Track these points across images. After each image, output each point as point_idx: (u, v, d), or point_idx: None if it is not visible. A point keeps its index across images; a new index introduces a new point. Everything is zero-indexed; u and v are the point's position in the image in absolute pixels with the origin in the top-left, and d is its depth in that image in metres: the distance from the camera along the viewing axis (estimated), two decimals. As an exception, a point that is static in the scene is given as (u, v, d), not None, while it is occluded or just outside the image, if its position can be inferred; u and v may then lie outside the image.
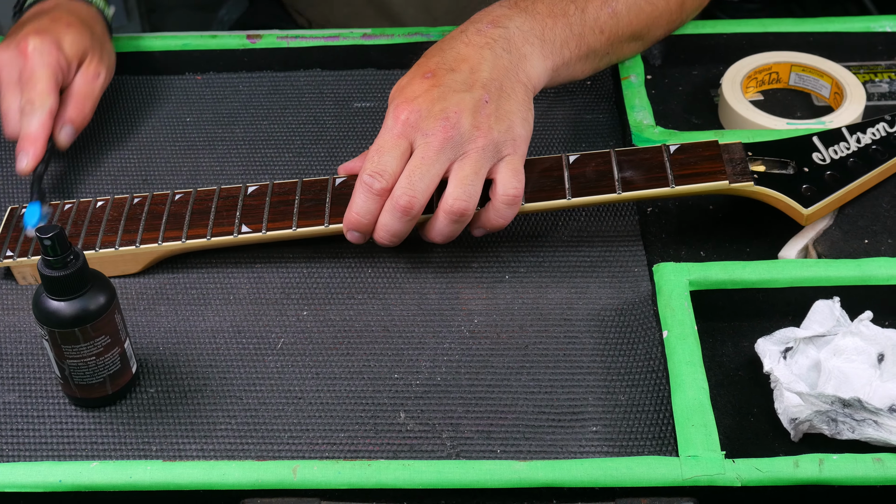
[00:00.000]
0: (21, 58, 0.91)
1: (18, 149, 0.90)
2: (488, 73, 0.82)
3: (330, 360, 0.80)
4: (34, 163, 0.90)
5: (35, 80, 0.90)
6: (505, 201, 0.81)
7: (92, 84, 0.95)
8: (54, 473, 0.72)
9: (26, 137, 0.89)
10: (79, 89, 0.94)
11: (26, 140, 0.89)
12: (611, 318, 0.82)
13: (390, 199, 0.80)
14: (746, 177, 0.83)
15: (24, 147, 0.89)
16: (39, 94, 0.90)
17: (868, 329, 0.76)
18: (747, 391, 0.78)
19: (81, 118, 0.94)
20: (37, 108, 0.90)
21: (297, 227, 0.84)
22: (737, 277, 0.81)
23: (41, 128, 0.90)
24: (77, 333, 0.73)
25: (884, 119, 0.89)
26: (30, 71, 0.91)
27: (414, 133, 0.80)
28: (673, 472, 0.70)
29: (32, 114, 0.90)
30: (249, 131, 1.00)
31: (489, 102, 0.81)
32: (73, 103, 0.93)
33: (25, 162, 0.89)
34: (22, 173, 0.90)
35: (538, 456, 0.74)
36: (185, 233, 0.85)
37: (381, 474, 0.71)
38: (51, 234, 0.70)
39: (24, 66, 0.91)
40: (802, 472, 0.70)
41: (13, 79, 0.92)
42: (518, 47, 0.84)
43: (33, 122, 0.89)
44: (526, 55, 0.84)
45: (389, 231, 0.81)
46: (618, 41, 0.92)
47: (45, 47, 0.91)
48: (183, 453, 0.75)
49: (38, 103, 0.90)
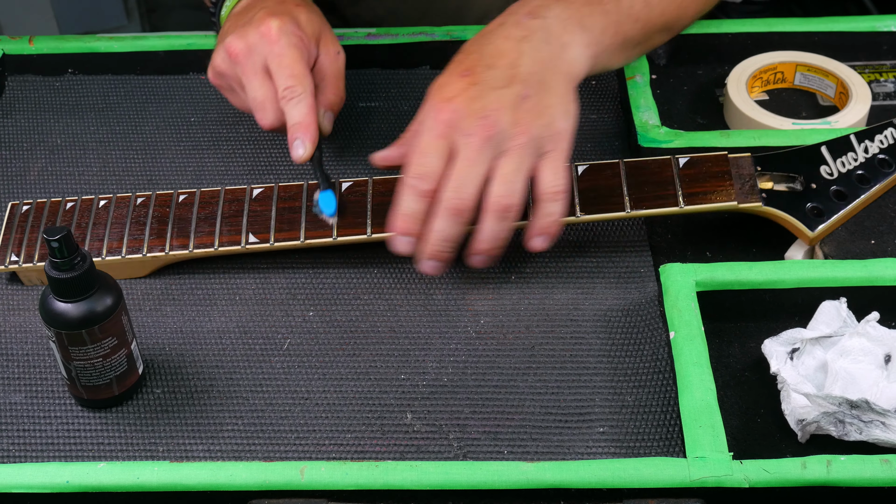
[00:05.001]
0: (266, 43, 0.86)
1: (292, 138, 0.85)
2: (528, 66, 0.80)
3: (336, 360, 0.80)
4: (312, 149, 0.85)
5: (288, 64, 0.86)
6: (548, 199, 0.79)
7: (337, 63, 0.91)
8: (61, 474, 0.72)
9: (298, 125, 0.85)
10: (329, 70, 0.90)
11: (298, 128, 0.85)
12: (617, 318, 0.82)
13: (440, 204, 0.78)
14: (754, 196, 0.83)
15: (298, 135, 0.85)
16: (298, 78, 0.85)
17: (875, 330, 0.76)
18: (754, 392, 0.78)
19: (339, 101, 0.91)
20: (300, 94, 0.85)
21: (304, 239, 0.84)
22: (743, 278, 0.81)
23: (310, 112, 0.85)
24: (84, 335, 0.73)
25: (892, 123, 0.89)
26: (279, 54, 0.86)
27: (454, 133, 0.78)
28: (680, 473, 0.70)
29: (297, 100, 0.85)
30: (254, 131, 1.00)
31: (529, 97, 0.79)
32: (329, 86, 0.90)
33: (303, 150, 0.85)
34: (300, 161, 0.85)
35: (545, 457, 0.74)
36: (192, 241, 0.85)
37: (388, 475, 0.71)
38: (58, 236, 0.70)
39: (270, 50, 0.86)
40: (810, 474, 0.70)
41: (259, 66, 0.87)
42: (558, 37, 0.82)
43: (300, 108, 0.85)
44: (566, 44, 0.83)
45: (443, 236, 0.79)
46: (651, 31, 0.90)
47: (288, 28, 0.87)
48: (190, 454, 0.75)
49: (300, 88, 0.85)
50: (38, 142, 1.00)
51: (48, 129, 1.01)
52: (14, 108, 1.03)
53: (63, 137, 1.00)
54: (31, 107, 1.03)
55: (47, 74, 1.06)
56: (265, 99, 0.87)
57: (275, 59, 0.86)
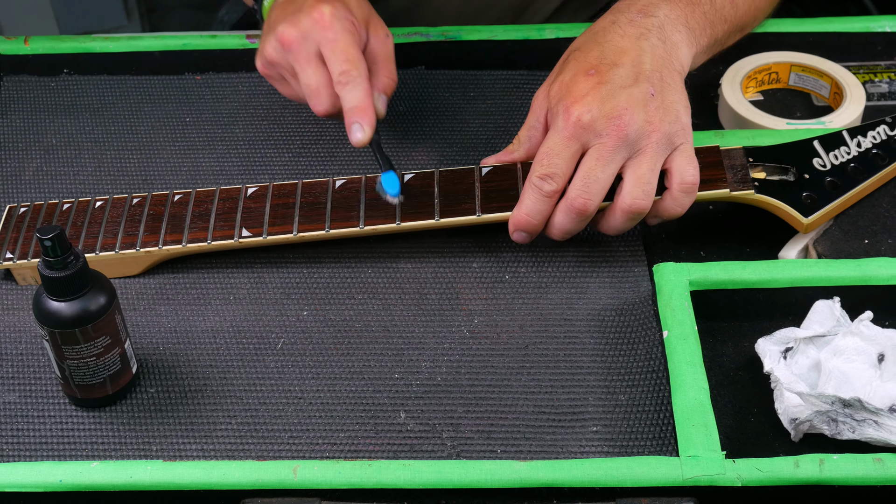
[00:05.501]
0: (319, 29, 0.86)
1: (350, 122, 0.85)
2: (649, 64, 0.81)
3: (330, 360, 0.80)
4: (371, 132, 0.85)
5: (342, 48, 0.85)
6: (683, 189, 0.81)
7: (387, 46, 0.91)
8: (54, 473, 0.72)
9: (355, 109, 0.85)
10: (380, 53, 0.90)
11: (356, 112, 0.85)
12: (611, 318, 0.82)
13: (565, 201, 0.80)
14: (747, 184, 0.83)
15: (356, 119, 0.85)
16: (353, 62, 0.85)
17: (868, 329, 0.76)
18: (748, 391, 0.78)
19: (392, 83, 0.90)
20: (355, 78, 0.85)
21: (297, 232, 0.84)
22: (737, 277, 0.81)
23: (367, 96, 0.85)
24: (77, 334, 0.73)
25: (884, 121, 0.89)
26: (333, 40, 0.85)
27: (586, 134, 0.79)
28: (673, 472, 0.70)
29: (353, 84, 0.84)
30: (249, 131, 1.00)
31: (655, 95, 0.80)
32: (381, 69, 0.89)
33: (361, 134, 0.85)
34: (360, 145, 0.85)
35: (538, 456, 0.74)
36: (185, 236, 0.85)
37: (381, 474, 0.71)
38: (51, 234, 0.70)
39: (324, 36, 0.85)
40: (803, 472, 0.70)
41: (312, 53, 0.86)
42: (669, 36, 0.84)
43: (357, 92, 0.85)
44: (676, 43, 0.84)
45: (563, 230, 0.82)
46: (733, 31, 0.92)
47: (341, 13, 0.86)
48: (183, 453, 0.75)
49: (356, 72, 0.85)
50: (33, 142, 1.00)
51: (43, 130, 1.01)
52: (9, 108, 1.03)
53: (58, 137, 1.00)
54: (26, 107, 1.03)
55: (43, 75, 1.06)
56: (319, 85, 0.86)
57: (328, 44, 0.85)
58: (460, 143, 0.98)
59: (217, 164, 0.97)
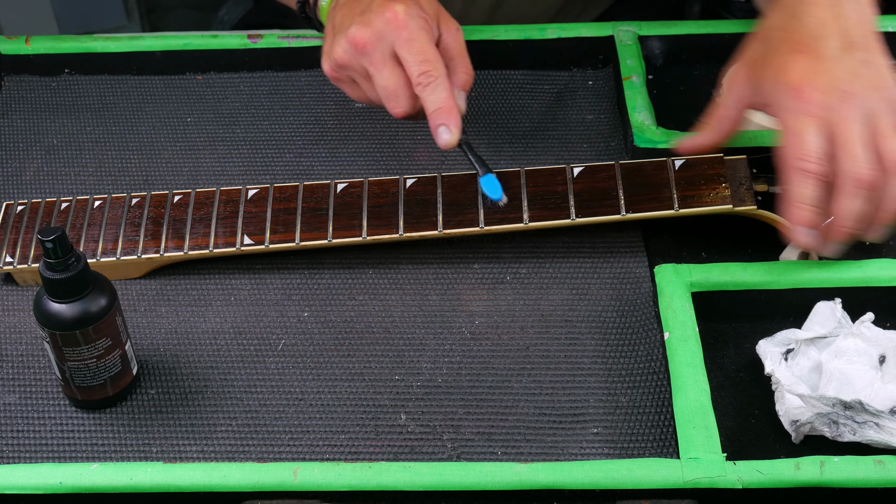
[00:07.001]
0: (394, 29, 0.83)
1: (435, 124, 0.83)
2: (854, 30, 0.80)
3: (331, 361, 0.80)
4: (458, 133, 0.83)
5: (419, 48, 0.83)
6: None
7: (459, 41, 0.88)
8: (55, 475, 0.72)
9: (440, 111, 0.83)
10: (454, 49, 0.87)
11: (441, 113, 0.83)
12: (612, 319, 0.82)
13: (842, 180, 0.76)
14: (749, 200, 0.83)
15: (443, 120, 0.83)
16: (432, 62, 0.83)
17: (869, 330, 0.76)
18: (748, 393, 0.78)
19: (470, 78, 0.88)
20: (436, 78, 0.83)
21: (300, 241, 0.84)
22: (738, 279, 0.81)
23: (449, 96, 0.83)
24: (78, 336, 0.73)
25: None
26: (409, 39, 0.83)
27: (821, 111, 0.77)
28: (674, 474, 0.70)
29: (435, 84, 0.82)
30: (250, 131, 1.00)
31: (869, 61, 0.79)
32: (458, 65, 0.87)
33: (449, 136, 0.83)
34: (448, 147, 0.83)
35: (539, 458, 0.74)
36: (186, 243, 0.85)
37: (381, 476, 0.71)
38: (52, 236, 0.70)
39: (399, 36, 0.83)
40: (803, 474, 0.70)
41: (387, 54, 0.84)
42: None
43: (439, 92, 0.83)
44: (864, 4, 0.82)
45: (854, 214, 0.77)
46: None
47: (413, 11, 0.84)
48: (183, 455, 0.75)
49: (436, 72, 0.83)
50: (34, 142, 1.00)
51: (44, 129, 1.01)
52: (10, 108, 1.03)
53: (59, 137, 1.00)
54: (27, 107, 1.03)
55: (44, 74, 1.06)
56: (397, 87, 0.84)
57: (404, 44, 0.83)
58: (461, 144, 0.98)
59: (218, 164, 0.97)
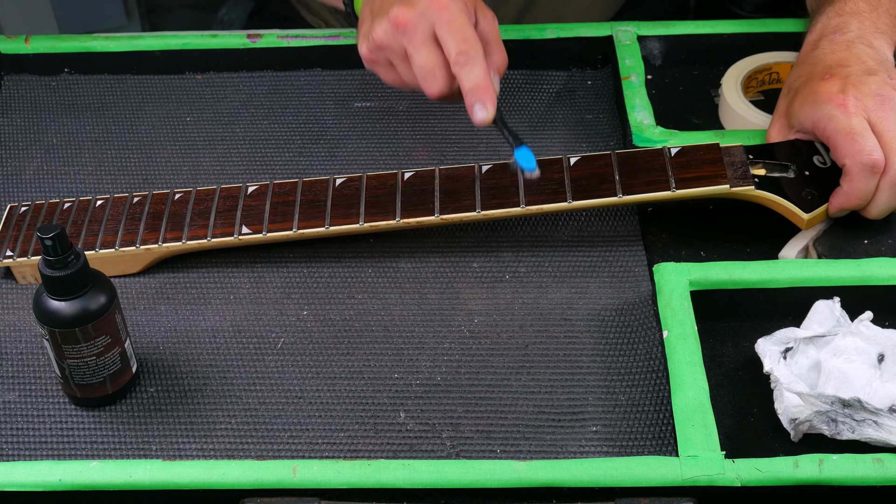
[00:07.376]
0: (436, 9, 0.85)
1: (471, 101, 0.84)
2: (872, 62, 0.87)
3: (330, 359, 0.81)
4: (493, 110, 0.84)
5: (459, 29, 0.84)
6: None
7: (494, 27, 0.90)
8: (54, 473, 0.72)
9: (476, 88, 0.84)
10: (490, 33, 0.89)
11: (477, 91, 0.84)
12: (611, 318, 0.82)
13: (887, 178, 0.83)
14: (747, 181, 0.83)
15: (478, 98, 0.84)
16: (470, 42, 0.84)
17: (868, 329, 0.76)
18: (747, 391, 0.78)
19: (504, 63, 0.89)
20: (474, 57, 0.84)
21: (297, 229, 0.84)
22: (737, 277, 0.81)
23: (486, 75, 0.84)
24: (77, 333, 0.73)
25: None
26: (450, 20, 0.85)
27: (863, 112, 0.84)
28: (673, 472, 0.70)
29: (472, 63, 0.84)
30: (250, 131, 1.00)
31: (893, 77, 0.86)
32: (494, 49, 0.89)
33: (484, 113, 0.84)
34: (482, 124, 0.84)
35: (538, 456, 0.74)
36: (185, 233, 0.85)
37: (380, 474, 0.71)
38: (51, 233, 0.70)
39: (440, 17, 0.85)
40: (802, 473, 0.70)
41: (427, 34, 0.85)
42: (870, 43, 0.90)
43: (476, 71, 0.84)
44: (878, 47, 0.90)
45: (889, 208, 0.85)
46: None
47: None
48: (183, 453, 0.75)
49: (474, 52, 0.84)
50: (34, 141, 1.00)
51: (44, 129, 1.01)
52: (10, 107, 1.03)
53: (59, 137, 1.00)
54: (27, 106, 1.03)
55: (44, 74, 1.06)
56: (435, 66, 0.85)
57: (445, 24, 0.85)
58: (460, 143, 0.98)
59: (218, 163, 0.97)
